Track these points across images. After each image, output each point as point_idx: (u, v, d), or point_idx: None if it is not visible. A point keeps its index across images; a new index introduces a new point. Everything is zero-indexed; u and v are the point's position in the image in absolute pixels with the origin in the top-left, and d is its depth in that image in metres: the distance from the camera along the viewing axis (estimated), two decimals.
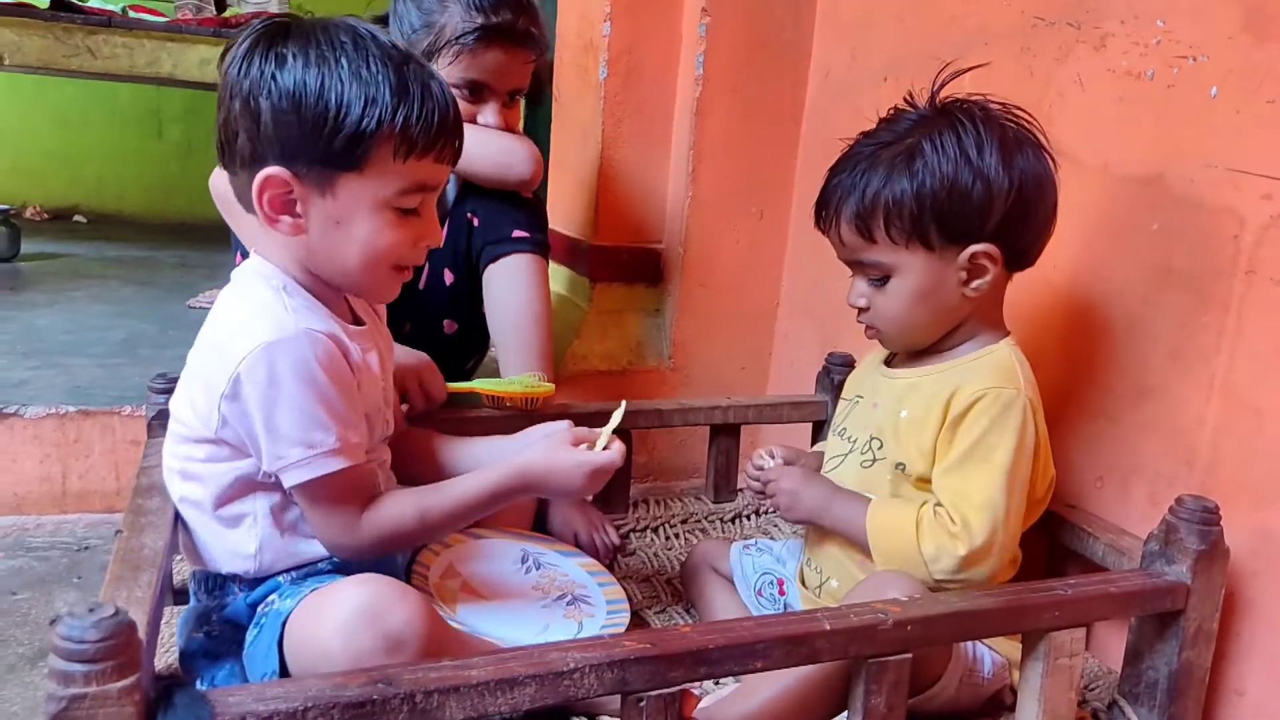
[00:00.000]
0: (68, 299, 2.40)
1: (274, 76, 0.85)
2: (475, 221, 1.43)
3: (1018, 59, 1.29)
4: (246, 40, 0.88)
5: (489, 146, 1.38)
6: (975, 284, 1.02)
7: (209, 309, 0.95)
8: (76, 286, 2.55)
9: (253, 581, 0.93)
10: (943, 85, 1.05)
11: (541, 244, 1.44)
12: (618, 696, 0.76)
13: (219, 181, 1.33)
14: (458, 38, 1.33)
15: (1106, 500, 1.17)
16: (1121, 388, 1.16)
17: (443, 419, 1.24)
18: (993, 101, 1.04)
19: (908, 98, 1.07)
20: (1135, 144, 1.15)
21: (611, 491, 1.44)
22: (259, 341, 0.85)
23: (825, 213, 1.06)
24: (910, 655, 0.83)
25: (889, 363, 1.14)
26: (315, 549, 0.94)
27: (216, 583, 0.95)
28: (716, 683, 1.00)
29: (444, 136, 0.90)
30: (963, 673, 0.98)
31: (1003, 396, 0.99)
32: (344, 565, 0.94)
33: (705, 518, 1.47)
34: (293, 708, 0.66)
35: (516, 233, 1.41)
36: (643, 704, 0.75)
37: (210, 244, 3.04)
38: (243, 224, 1.33)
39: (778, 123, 1.80)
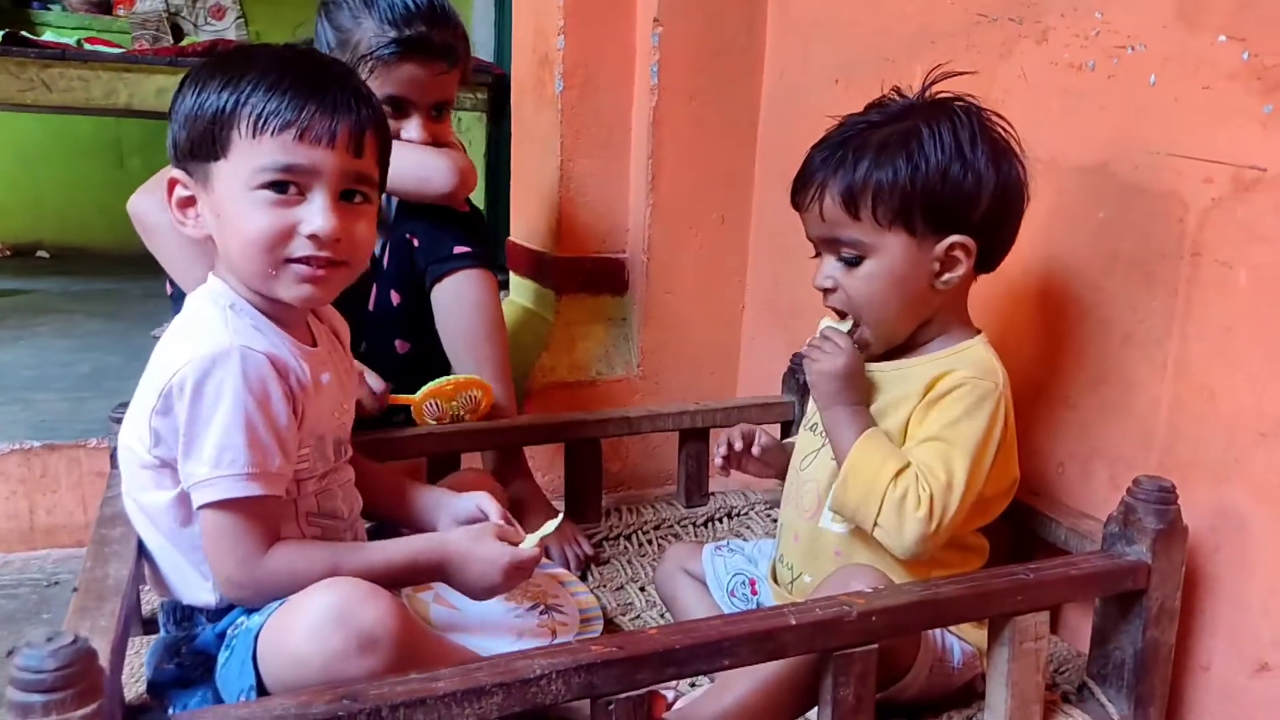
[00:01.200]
0: (31, 334, 2.37)
1: (180, 87, 0.92)
2: (415, 242, 1.41)
3: (964, 56, 1.31)
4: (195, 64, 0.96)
5: (406, 162, 1.34)
6: (946, 277, 1.03)
7: None
8: (40, 322, 2.53)
9: (219, 611, 0.92)
10: (934, 82, 1.07)
11: (484, 257, 1.43)
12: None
13: (140, 208, 1.33)
14: (372, 53, 1.31)
15: (1069, 485, 1.19)
16: (1079, 374, 1.18)
17: (374, 439, 1.24)
18: (982, 106, 1.05)
19: (898, 89, 1.08)
20: (1080, 135, 1.17)
21: (584, 501, 1.44)
22: (190, 356, 0.84)
23: (808, 186, 1.05)
24: (876, 646, 0.84)
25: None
26: None
27: (184, 613, 0.94)
28: (692, 684, 1.01)
29: (301, 111, 0.87)
30: (932, 663, 0.99)
31: (981, 388, 1.01)
32: None
33: (678, 523, 1.48)
34: None
35: (457, 249, 1.40)
36: (611, 707, 0.75)
37: None
38: (163, 249, 1.32)
39: (734, 128, 1.81)
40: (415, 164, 1.36)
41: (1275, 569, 0.98)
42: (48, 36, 2.87)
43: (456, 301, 1.39)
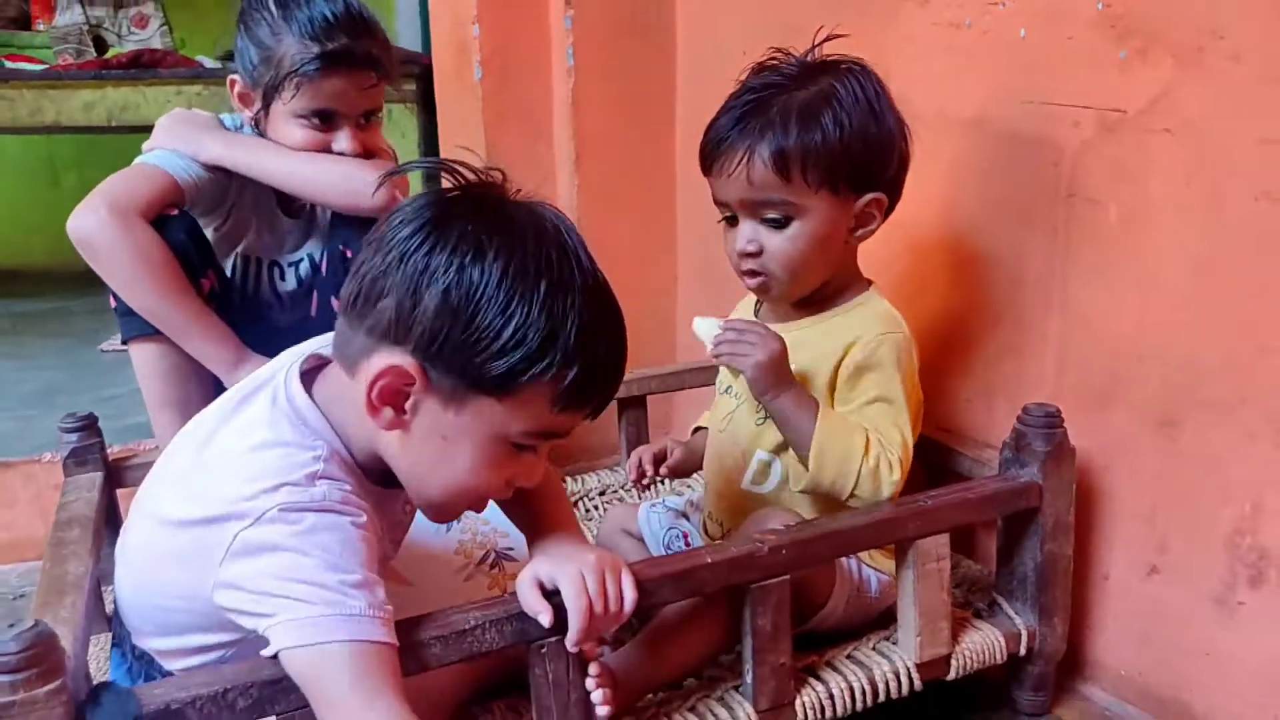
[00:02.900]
0: None
1: (461, 267, 0.73)
2: (349, 254, 1.38)
3: (857, 22, 1.36)
4: (439, 202, 0.78)
5: (336, 177, 1.32)
6: (860, 232, 1.07)
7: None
8: None
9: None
10: (823, 42, 1.09)
11: None
12: None
13: (84, 230, 1.25)
14: (297, 70, 1.28)
15: (974, 420, 1.27)
16: (977, 317, 1.26)
17: None
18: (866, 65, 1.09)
19: (785, 50, 1.10)
20: (962, 90, 1.24)
21: None
22: (270, 504, 0.75)
23: (733, 151, 1.03)
24: (788, 578, 0.91)
25: (762, 315, 1.20)
26: None
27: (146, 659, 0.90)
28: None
29: (600, 398, 0.82)
30: (850, 594, 1.06)
31: (896, 341, 1.06)
32: None
33: (621, 487, 1.54)
34: (214, 690, 0.72)
35: None
36: (544, 650, 0.82)
37: None
38: (113, 269, 1.26)
39: (653, 105, 1.86)
40: (343, 178, 1.33)
41: (1158, 480, 1.06)
42: None
43: None
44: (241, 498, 0.75)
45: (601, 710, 0.84)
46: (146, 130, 1.40)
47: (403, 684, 0.73)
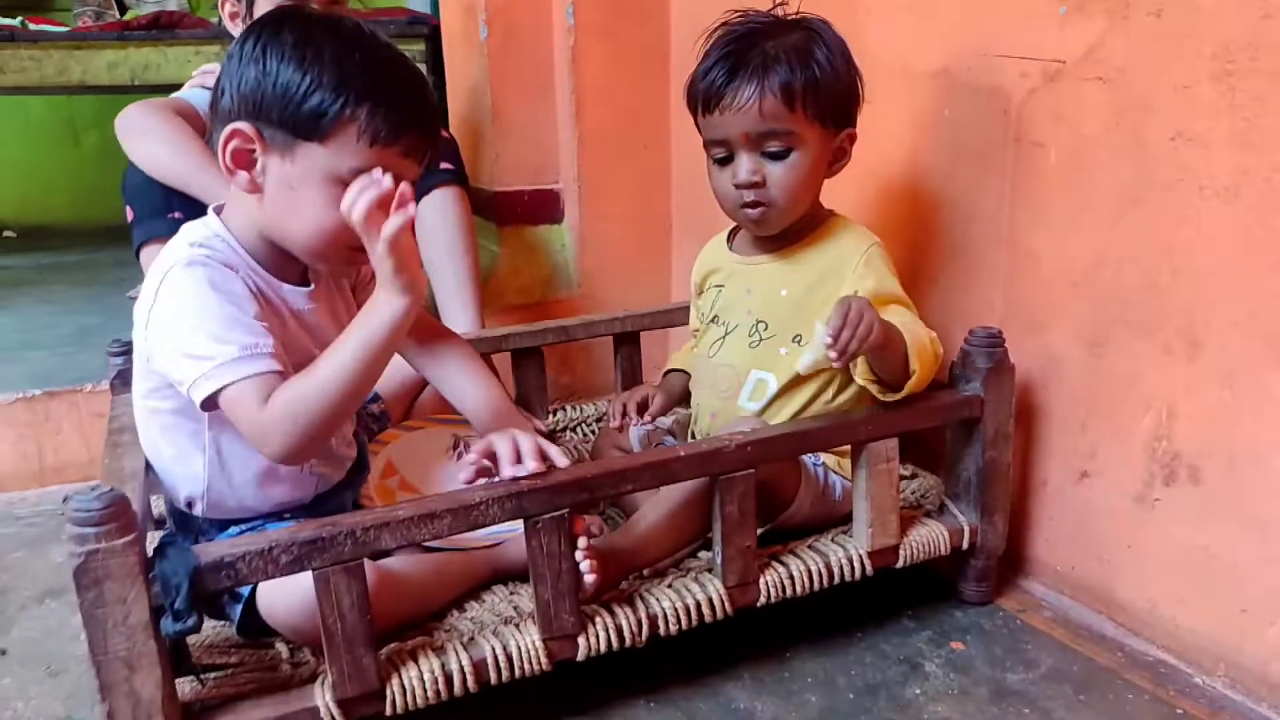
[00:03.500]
0: (13, 305, 2.52)
1: (266, 47, 0.93)
2: None
3: None
4: (262, 17, 0.99)
5: None
6: (835, 166, 1.20)
7: None
8: (19, 293, 2.68)
9: (222, 524, 1.05)
10: (783, 3, 1.22)
11: (463, 177, 1.62)
12: None
13: (128, 114, 1.55)
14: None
15: None
16: (937, 253, 1.38)
17: None
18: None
19: (744, 11, 1.21)
20: (925, 44, 1.35)
21: (531, 402, 1.63)
22: (152, 280, 0.96)
23: (747, 85, 1.11)
24: (754, 471, 1.04)
25: (736, 249, 1.32)
26: (260, 500, 1.04)
27: (187, 522, 1.06)
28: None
29: (413, 134, 0.95)
30: (815, 496, 1.19)
31: (875, 251, 1.20)
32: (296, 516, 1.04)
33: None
34: (260, 548, 0.85)
35: (443, 164, 1.58)
36: (539, 525, 0.95)
37: None
38: (138, 149, 1.53)
39: (649, 61, 1.98)
40: None
41: (1089, 394, 1.19)
42: None
43: (441, 214, 1.58)
44: (149, 288, 0.96)
45: (588, 578, 0.98)
46: (167, 89, 1.56)
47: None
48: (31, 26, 2.75)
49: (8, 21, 2.82)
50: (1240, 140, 0.99)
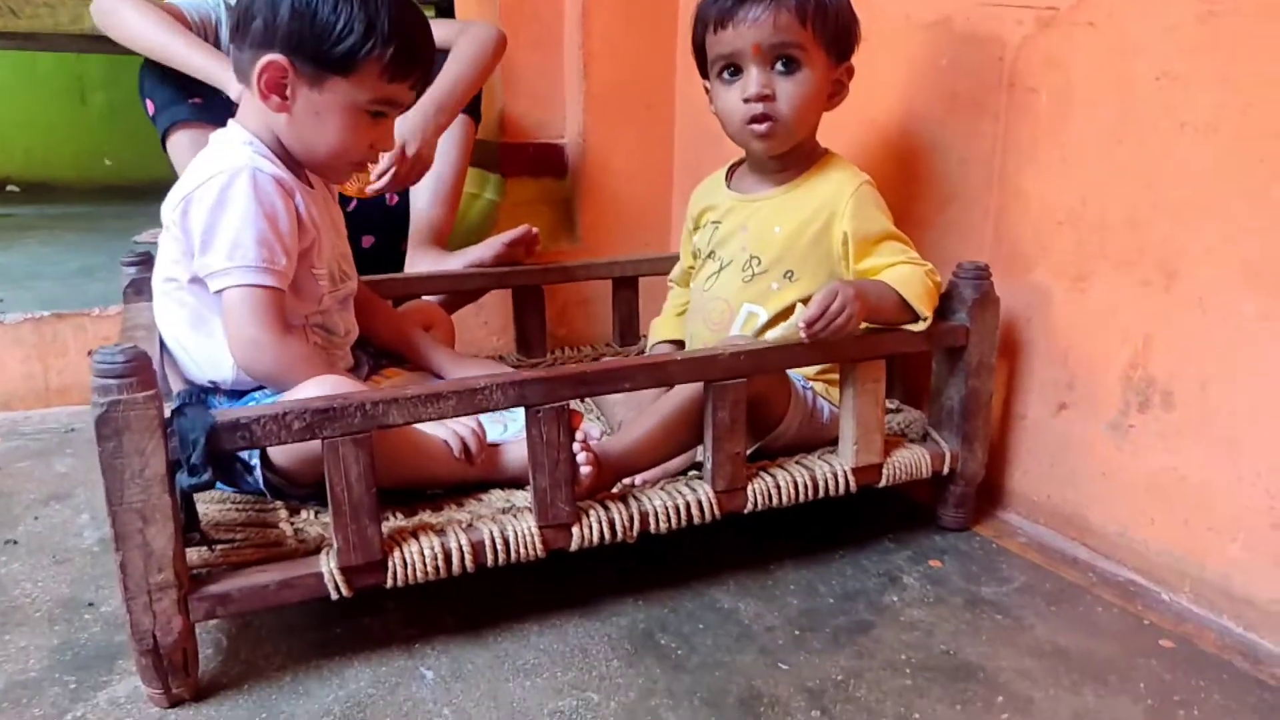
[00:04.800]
0: (20, 245, 2.56)
1: None
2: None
3: None
4: None
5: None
6: (833, 99, 1.25)
7: (155, 243, 1.16)
8: (26, 236, 2.71)
9: (231, 393, 1.14)
10: None
11: (477, 109, 1.69)
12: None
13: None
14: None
15: None
16: (931, 197, 1.42)
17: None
18: None
19: None
20: None
21: (530, 340, 1.67)
22: (211, 172, 1.06)
23: (756, 2, 1.17)
24: (745, 380, 1.08)
25: (734, 187, 1.37)
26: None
27: (199, 397, 1.16)
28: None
29: (420, 70, 1.11)
30: (804, 417, 1.24)
31: (867, 190, 1.24)
32: None
33: (612, 357, 1.71)
34: (275, 413, 0.89)
35: None
36: (539, 414, 0.99)
37: (147, 199, 3.17)
38: (127, 25, 1.54)
39: (656, 22, 2.03)
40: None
41: (1070, 327, 1.24)
42: None
43: (448, 138, 1.64)
44: (198, 178, 1.07)
45: (584, 469, 1.02)
46: None
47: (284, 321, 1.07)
48: None
49: None
50: (1220, 77, 1.04)
